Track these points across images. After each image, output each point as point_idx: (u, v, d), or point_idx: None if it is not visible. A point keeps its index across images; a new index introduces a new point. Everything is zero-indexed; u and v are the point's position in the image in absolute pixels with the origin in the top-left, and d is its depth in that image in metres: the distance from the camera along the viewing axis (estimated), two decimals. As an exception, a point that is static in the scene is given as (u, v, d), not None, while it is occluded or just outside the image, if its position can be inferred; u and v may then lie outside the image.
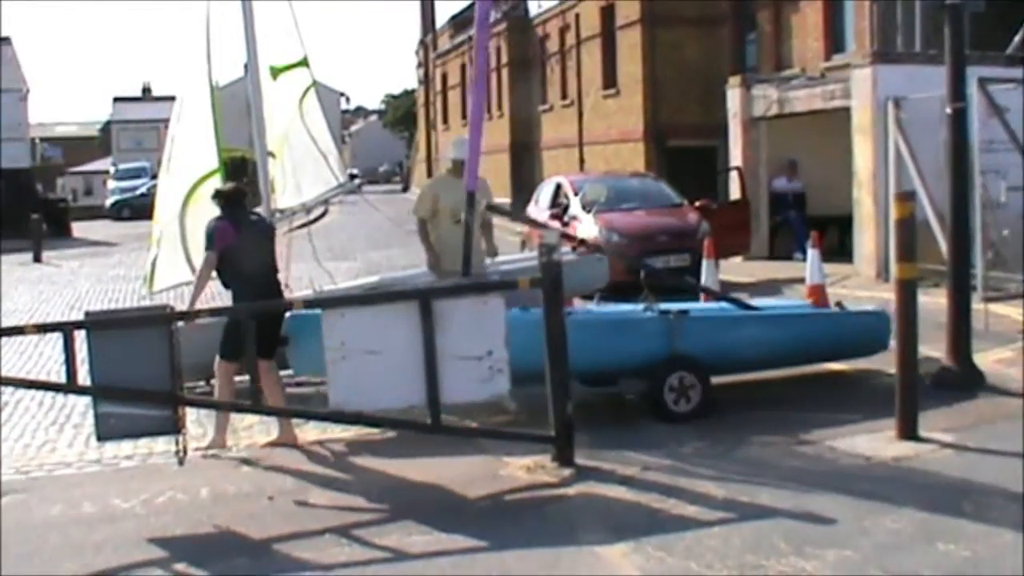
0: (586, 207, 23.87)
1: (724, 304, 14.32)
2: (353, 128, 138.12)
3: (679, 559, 8.42)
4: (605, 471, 10.64)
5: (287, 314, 12.46)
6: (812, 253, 18.73)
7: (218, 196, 12.88)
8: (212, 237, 12.53)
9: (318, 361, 11.67)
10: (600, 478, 10.46)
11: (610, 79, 40.19)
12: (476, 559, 8.83)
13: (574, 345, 11.01)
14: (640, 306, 13.53)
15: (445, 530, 9.40)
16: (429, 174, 71.81)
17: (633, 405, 13.41)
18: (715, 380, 13.03)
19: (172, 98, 15.54)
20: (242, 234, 12.56)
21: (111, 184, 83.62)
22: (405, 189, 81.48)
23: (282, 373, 13.22)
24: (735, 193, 28.00)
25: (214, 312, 12.64)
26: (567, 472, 10.63)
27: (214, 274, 12.63)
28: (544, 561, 8.64)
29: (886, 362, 13.32)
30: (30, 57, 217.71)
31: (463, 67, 60.93)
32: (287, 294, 14.34)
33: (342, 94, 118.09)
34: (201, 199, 13.96)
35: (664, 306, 13.26)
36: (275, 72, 15.54)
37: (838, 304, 14.79)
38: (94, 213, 73.72)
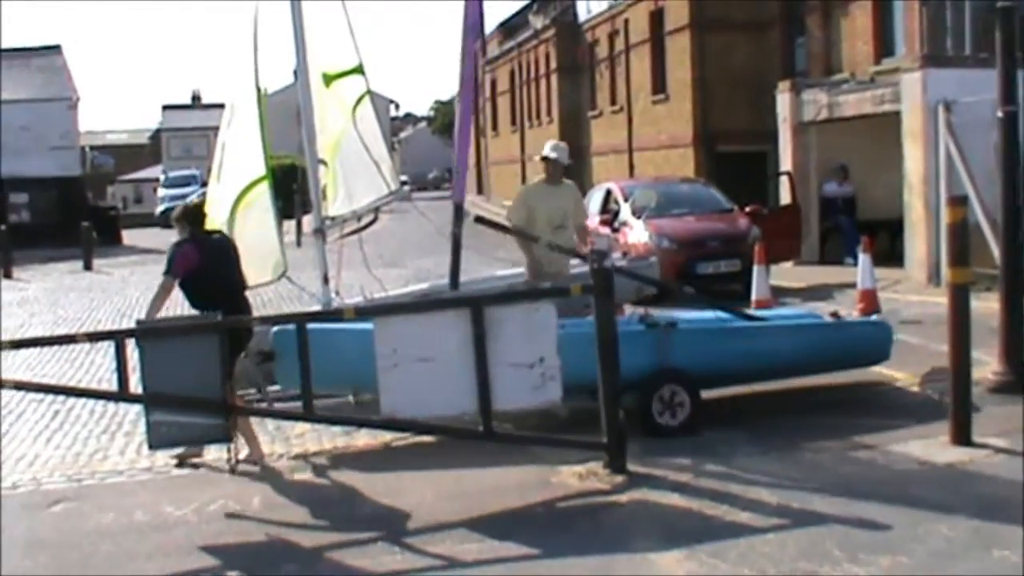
0: (636, 213, 23.83)
1: (722, 314, 13.96)
2: (402, 135, 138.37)
3: (732, 566, 8.40)
4: (658, 477, 10.63)
5: (273, 329, 12.44)
6: (863, 258, 18.64)
7: (182, 217, 12.70)
8: (173, 261, 12.31)
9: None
10: (653, 485, 10.45)
11: (659, 84, 40.12)
12: (529, 566, 8.84)
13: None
14: (632, 317, 13.36)
15: (498, 537, 9.40)
16: (479, 181, 71.83)
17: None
18: (765, 387, 12.98)
19: (221, 105, 15.54)
20: (206, 255, 12.36)
21: (161, 192, 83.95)
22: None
23: (271, 388, 13.24)
24: (785, 198, 27.87)
25: (265, 320, 12.68)
26: (619, 479, 10.62)
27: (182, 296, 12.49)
28: (597, 568, 8.64)
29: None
30: (80, 65, 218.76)
31: (512, 73, 60.94)
32: (337, 302, 14.36)
33: (391, 101, 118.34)
34: (249, 206, 13.99)
35: (655, 317, 13.09)
36: (328, 79, 15.55)
37: (833, 314, 14.54)
38: (144, 221, 74.07)
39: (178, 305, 13.22)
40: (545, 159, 14.66)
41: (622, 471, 10.72)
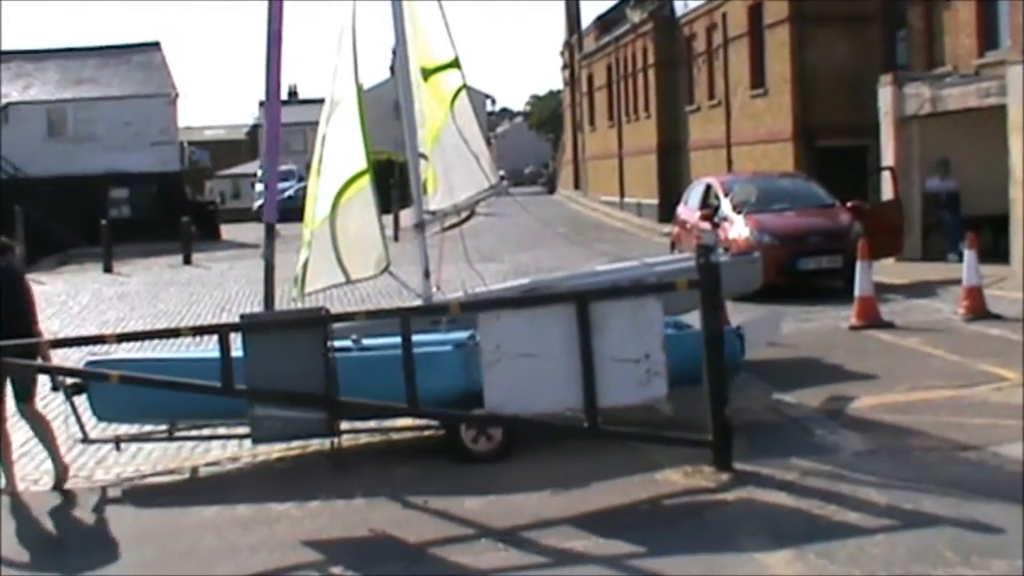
0: (736, 208, 23.64)
1: None
2: (499, 130, 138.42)
3: (842, 567, 8.27)
4: (764, 476, 10.50)
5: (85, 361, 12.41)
6: (969, 254, 18.36)
7: None
8: None
9: (118, 409, 12.10)
10: (759, 483, 10.33)
11: (758, 78, 39.75)
12: (635, 564, 8.77)
13: (355, 383, 11.04)
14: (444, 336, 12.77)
15: (603, 535, 9.34)
16: (575, 176, 71.71)
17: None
18: (875, 393, 12.75)
19: (318, 101, 15.58)
20: None
21: (258, 187, 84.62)
22: (551, 191, 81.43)
23: None
24: (887, 193, 27.50)
25: (370, 315, 12.68)
26: (725, 477, 10.52)
27: None
28: (703, 567, 8.55)
29: None
30: (179, 62, 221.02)
31: (609, 68, 60.68)
32: (438, 296, 14.35)
33: (487, 96, 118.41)
34: (350, 200, 14.00)
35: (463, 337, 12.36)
36: (427, 73, 15.55)
37: (675, 324, 12.99)
38: (242, 216, 74.66)
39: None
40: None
41: (728, 469, 10.62)
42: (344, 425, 11.87)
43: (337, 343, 11.40)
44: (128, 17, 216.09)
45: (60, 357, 13.11)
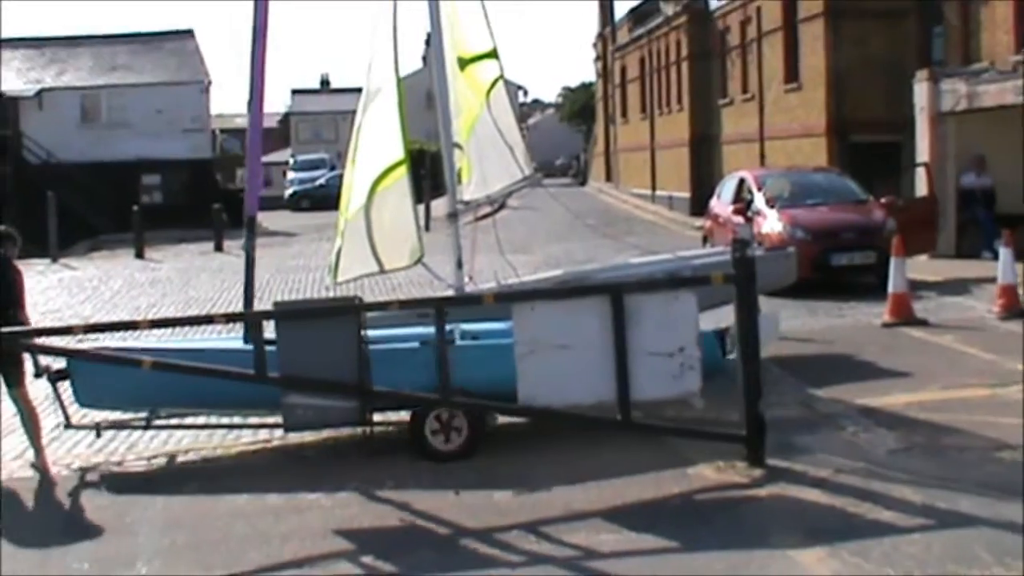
0: (770, 202, 23.54)
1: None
2: (530, 121, 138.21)
3: (876, 566, 8.21)
4: (797, 473, 10.43)
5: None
6: (1005, 252, 18.25)
7: None
8: None
9: (101, 395, 12.11)
10: (792, 480, 10.26)
11: (792, 73, 39.59)
12: (666, 560, 8.71)
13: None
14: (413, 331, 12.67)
15: (635, 529, 9.31)
16: (607, 168, 71.59)
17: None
18: (909, 390, 12.64)
19: (350, 90, 15.55)
20: None
21: (290, 175, 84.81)
22: (583, 183, 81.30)
23: None
24: (922, 189, 27.35)
25: (404, 304, 12.65)
26: (758, 473, 10.46)
27: None
28: (735, 563, 8.51)
29: None
30: (212, 49, 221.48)
31: (642, 60, 60.52)
32: (470, 287, 14.30)
33: (520, 87, 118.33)
34: (387, 190, 13.95)
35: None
36: (463, 62, 15.50)
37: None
38: (273, 204, 74.84)
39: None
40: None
41: (761, 465, 10.56)
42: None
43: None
44: (162, 5, 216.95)
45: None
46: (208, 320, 13.47)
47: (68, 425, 12.58)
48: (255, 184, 13.96)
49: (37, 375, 12.36)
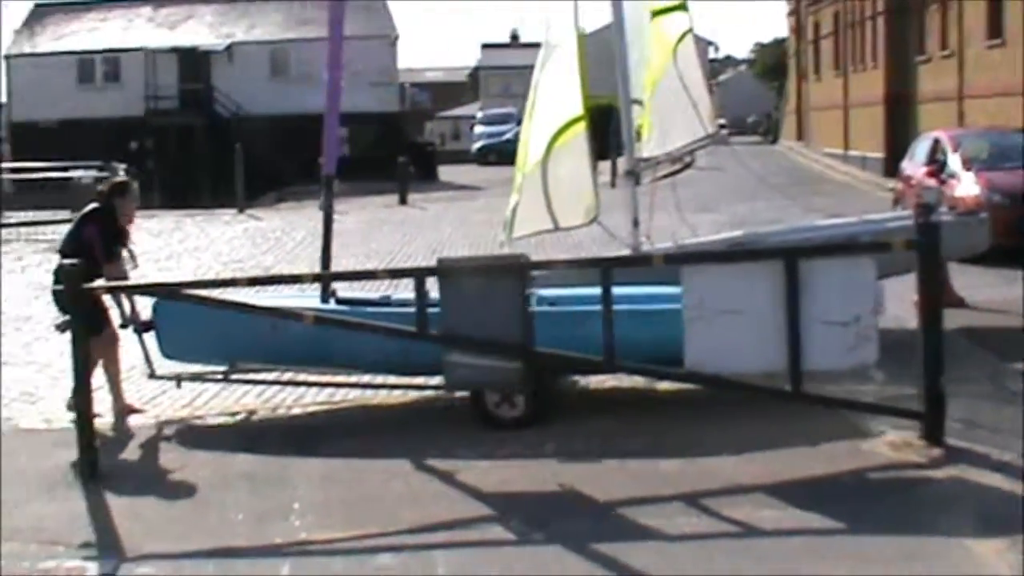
0: (966, 165, 22.66)
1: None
2: (721, 77, 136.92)
3: (1061, 563, 7.61)
4: (979, 454, 9.79)
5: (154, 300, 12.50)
6: None
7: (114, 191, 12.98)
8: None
9: (185, 347, 12.36)
10: (973, 462, 9.63)
11: (995, 28, 38.23)
12: (831, 541, 8.28)
13: (357, 340, 11.13)
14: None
15: (800, 506, 8.87)
16: (799, 127, 70.44)
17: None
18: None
19: (539, 45, 15.35)
20: None
21: (477, 129, 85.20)
22: (774, 141, 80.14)
23: None
24: None
25: (570, 264, 12.34)
26: (936, 452, 9.85)
27: None
28: (906, 550, 7.99)
29: None
30: (400, 3, 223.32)
31: (836, 15, 59.27)
32: (646, 246, 14.00)
33: (711, 43, 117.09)
34: (564, 146, 13.73)
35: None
36: (653, 14, 15.21)
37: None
38: (460, 158, 75.23)
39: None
40: None
41: (939, 444, 9.95)
42: None
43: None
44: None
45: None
46: (372, 275, 13.36)
47: (152, 375, 12.80)
48: (333, 144, 13.88)
49: (123, 326, 12.63)
